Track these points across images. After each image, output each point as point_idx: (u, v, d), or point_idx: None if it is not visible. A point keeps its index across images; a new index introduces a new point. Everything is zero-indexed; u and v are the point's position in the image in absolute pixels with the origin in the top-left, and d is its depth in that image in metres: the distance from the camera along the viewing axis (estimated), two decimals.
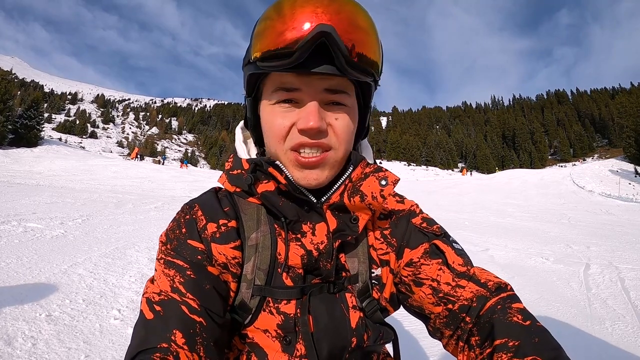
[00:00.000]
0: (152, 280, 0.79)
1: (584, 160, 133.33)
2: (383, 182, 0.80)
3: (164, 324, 0.70)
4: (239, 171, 0.85)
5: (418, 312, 0.88)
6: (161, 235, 0.84)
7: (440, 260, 0.84)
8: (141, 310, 0.74)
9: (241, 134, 0.93)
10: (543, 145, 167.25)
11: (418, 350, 3.00)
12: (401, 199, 0.98)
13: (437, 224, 0.92)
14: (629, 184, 34.26)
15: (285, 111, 0.77)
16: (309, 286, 0.81)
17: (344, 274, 0.84)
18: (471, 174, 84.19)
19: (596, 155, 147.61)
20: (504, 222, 11.48)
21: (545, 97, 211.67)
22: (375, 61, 0.76)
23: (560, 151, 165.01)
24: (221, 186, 0.92)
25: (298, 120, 0.75)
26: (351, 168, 0.83)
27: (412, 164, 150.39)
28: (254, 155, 0.91)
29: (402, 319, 3.21)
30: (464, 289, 0.80)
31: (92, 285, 3.80)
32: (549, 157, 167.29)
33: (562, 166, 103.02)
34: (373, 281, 0.88)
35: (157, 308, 0.72)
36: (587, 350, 3.20)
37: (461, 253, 0.87)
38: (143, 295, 0.77)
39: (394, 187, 0.81)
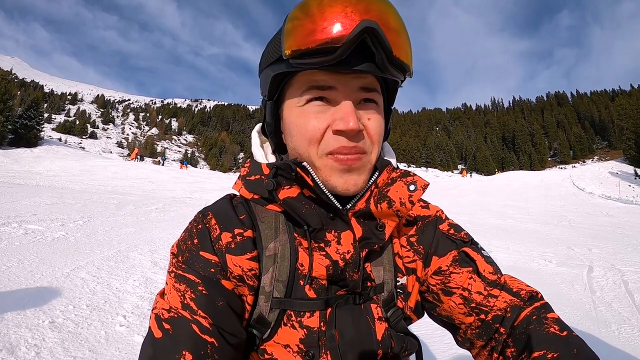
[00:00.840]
0: (162, 295, 0.75)
1: (584, 162, 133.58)
2: (412, 187, 0.77)
3: (173, 344, 0.66)
4: (258, 176, 0.80)
5: (446, 322, 0.85)
6: (172, 246, 0.80)
7: (471, 269, 0.81)
8: (150, 328, 0.71)
9: (258, 138, 0.89)
10: (543, 147, 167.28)
11: (429, 356, 2.98)
12: (426, 204, 0.94)
13: (464, 231, 0.90)
14: (629, 185, 34.23)
15: (319, 112, 0.73)
16: (334, 298, 0.77)
17: (369, 283, 0.80)
18: (471, 175, 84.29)
19: (596, 157, 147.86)
20: (504, 224, 11.49)
21: (545, 98, 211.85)
22: (407, 60, 0.72)
23: (560, 153, 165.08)
24: (236, 193, 0.88)
25: (333, 121, 0.72)
26: (377, 173, 0.79)
27: (411, 165, 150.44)
28: (272, 161, 0.86)
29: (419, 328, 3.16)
30: (497, 299, 0.77)
31: (95, 289, 3.78)
32: (549, 158, 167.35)
33: (561, 168, 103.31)
34: (398, 290, 0.85)
35: (167, 326, 0.68)
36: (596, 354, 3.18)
37: (490, 261, 0.83)
38: (152, 310, 0.73)
39: (424, 192, 0.77)
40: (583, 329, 3.66)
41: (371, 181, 0.79)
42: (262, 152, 0.86)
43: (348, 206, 0.79)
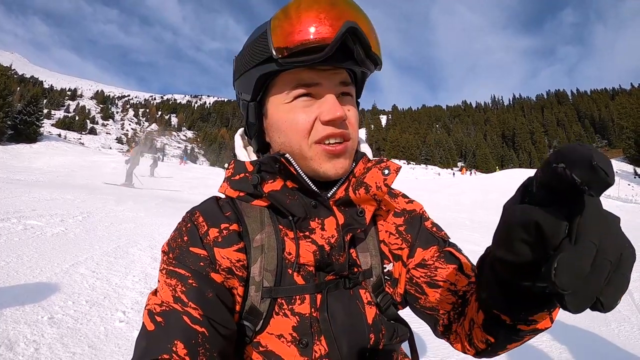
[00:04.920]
0: (154, 292, 0.77)
1: None
2: (386, 172, 0.83)
3: (165, 335, 0.68)
4: (243, 175, 0.86)
5: (429, 313, 0.88)
6: (163, 245, 0.83)
7: (456, 267, 0.85)
8: (143, 323, 0.73)
9: (241, 141, 0.95)
10: (542, 145, 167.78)
11: (421, 345, 2.98)
12: (410, 200, 1.01)
13: (444, 231, 0.97)
14: (628, 184, 34.40)
15: (306, 106, 0.79)
16: (324, 283, 0.80)
17: (356, 269, 0.85)
18: (471, 173, 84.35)
19: None
20: None
21: (546, 97, 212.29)
22: (380, 55, 0.81)
23: None
24: (221, 195, 0.92)
25: (320, 113, 0.78)
26: (354, 164, 0.86)
27: (411, 162, 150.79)
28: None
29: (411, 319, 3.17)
30: None
31: (94, 285, 3.77)
32: None
33: None
34: (385, 277, 0.89)
35: (159, 319, 0.70)
36: (594, 352, 3.21)
37: (469, 260, 0.89)
38: (145, 307, 0.76)
39: (397, 174, 0.84)
40: (583, 327, 3.68)
41: (349, 171, 0.86)
42: (246, 153, 0.92)
43: (329, 195, 0.85)
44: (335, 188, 0.85)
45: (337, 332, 0.78)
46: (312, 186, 0.81)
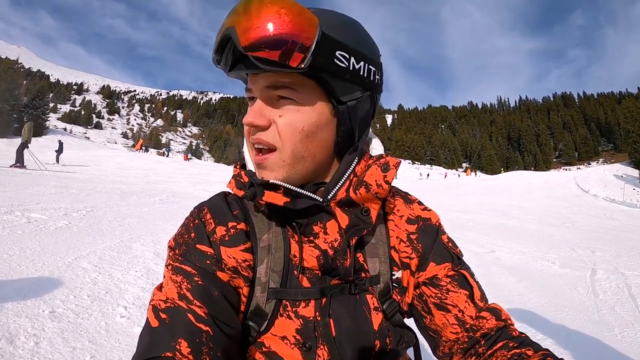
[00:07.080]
0: (159, 288, 0.77)
1: (589, 164, 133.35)
2: (385, 168, 0.80)
3: (169, 333, 0.68)
4: (242, 181, 0.85)
5: (431, 335, 0.87)
6: (170, 240, 0.82)
7: (468, 293, 0.84)
8: (147, 318, 0.72)
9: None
10: (548, 147, 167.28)
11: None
12: (425, 207, 0.97)
13: (458, 247, 0.94)
14: (634, 189, 34.20)
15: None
16: (329, 287, 0.79)
17: (363, 274, 0.82)
18: (475, 174, 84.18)
19: (601, 160, 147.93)
20: (508, 223, 11.48)
21: (552, 99, 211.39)
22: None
23: (565, 154, 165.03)
24: (230, 191, 0.90)
25: None
26: (355, 162, 0.82)
27: (416, 162, 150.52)
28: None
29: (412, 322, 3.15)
30: (487, 321, 0.81)
31: (97, 280, 3.77)
32: (554, 159, 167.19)
33: (566, 169, 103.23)
34: (393, 284, 0.87)
35: (163, 316, 0.70)
36: (597, 357, 3.18)
37: (481, 289, 0.87)
38: (150, 302, 0.75)
39: (397, 170, 0.82)
40: (586, 332, 3.63)
41: (349, 170, 0.82)
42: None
43: (329, 197, 0.81)
44: (335, 189, 0.81)
45: (341, 337, 0.77)
46: (307, 193, 0.78)
